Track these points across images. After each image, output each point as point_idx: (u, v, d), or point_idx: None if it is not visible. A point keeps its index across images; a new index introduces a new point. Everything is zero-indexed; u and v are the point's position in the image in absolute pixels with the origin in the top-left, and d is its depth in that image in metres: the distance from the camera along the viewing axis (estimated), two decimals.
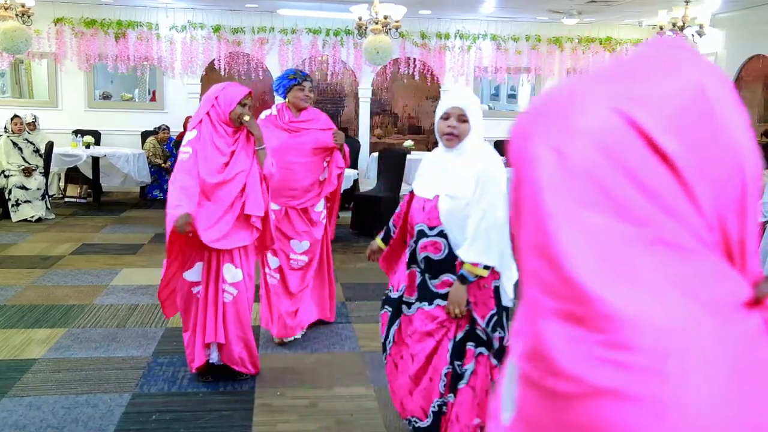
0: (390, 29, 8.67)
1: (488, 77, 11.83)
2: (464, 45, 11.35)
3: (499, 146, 11.51)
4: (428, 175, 2.61)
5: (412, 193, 2.71)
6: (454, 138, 2.50)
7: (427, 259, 2.59)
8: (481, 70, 11.52)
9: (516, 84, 13.38)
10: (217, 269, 3.40)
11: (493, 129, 12.00)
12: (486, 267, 2.48)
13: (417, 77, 11.35)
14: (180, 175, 3.30)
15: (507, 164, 0.90)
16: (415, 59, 11.23)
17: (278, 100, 9.57)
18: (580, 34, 11.49)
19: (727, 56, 10.41)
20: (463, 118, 2.51)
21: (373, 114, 13.67)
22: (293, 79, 3.86)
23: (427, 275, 2.61)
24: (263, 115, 4.06)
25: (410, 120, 15.22)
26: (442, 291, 2.58)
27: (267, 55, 10.99)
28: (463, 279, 2.50)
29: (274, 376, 3.73)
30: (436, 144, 13.01)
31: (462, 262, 2.50)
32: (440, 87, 11.82)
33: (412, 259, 2.65)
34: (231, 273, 3.42)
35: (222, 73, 10.89)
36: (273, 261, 4.08)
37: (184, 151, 3.34)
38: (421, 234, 2.59)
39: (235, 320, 3.46)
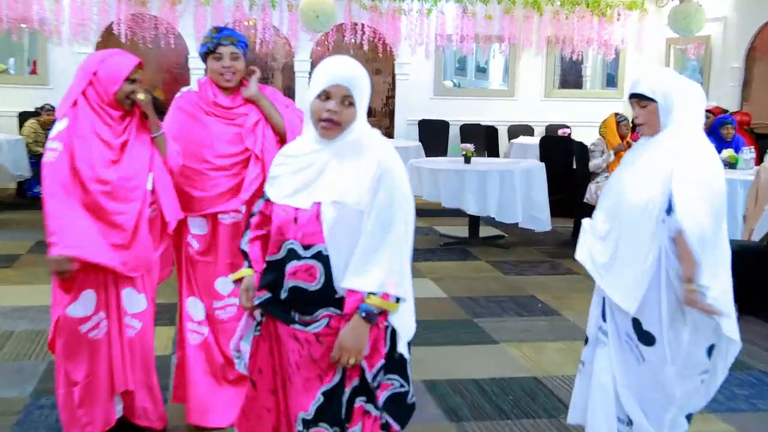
0: None
1: (453, 48, 11.91)
2: (423, 8, 11.39)
3: (476, 133, 11.58)
4: (296, 175, 2.35)
5: (268, 200, 2.45)
6: (335, 126, 2.27)
7: (295, 290, 2.31)
8: (443, 38, 11.58)
9: (486, 56, 13.50)
10: (117, 296, 3.23)
11: (459, 110, 12.07)
12: (398, 299, 2.29)
13: (366, 47, 11.34)
14: (53, 188, 3.02)
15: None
16: (363, 25, 11.22)
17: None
18: None
19: (737, 22, 10.69)
20: (348, 100, 2.28)
21: None
22: (204, 45, 3.42)
23: (293, 312, 2.35)
24: (180, 93, 3.55)
25: None
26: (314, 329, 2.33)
27: (180, 18, 10.83)
28: (369, 316, 2.24)
29: None
30: (389, 129, 13.05)
31: (357, 293, 2.25)
32: (394, 59, 11.83)
33: (273, 292, 2.38)
34: (133, 300, 3.26)
35: (122, 39, 10.66)
36: (196, 308, 3.60)
37: (52, 149, 3.06)
38: (292, 255, 2.31)
39: (140, 361, 3.30)
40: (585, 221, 3.05)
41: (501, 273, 6.80)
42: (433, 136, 11.75)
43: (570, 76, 13.29)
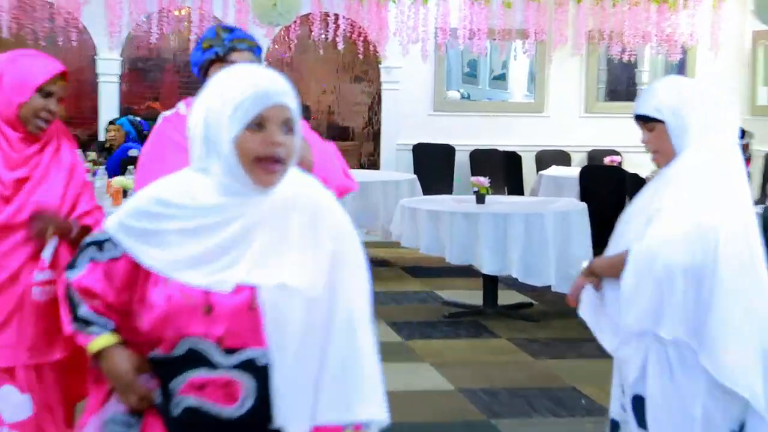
0: None
1: (459, 46, 12.00)
2: None
3: (487, 158, 11.62)
4: (200, 238, 2.19)
5: (151, 274, 2.24)
6: (281, 167, 2.19)
7: (197, 413, 2.20)
8: (446, 34, 11.68)
9: (505, 58, 13.60)
10: None
11: (468, 131, 12.11)
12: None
13: (341, 46, 11.42)
14: None
15: None
16: (338, 16, 11.32)
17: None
18: None
19: None
20: (289, 125, 2.20)
21: None
22: (209, 49, 3.38)
23: None
24: (161, 117, 3.58)
25: (330, 117, 15.24)
26: None
27: (84, 7, 10.88)
28: None
29: None
30: (372, 157, 13.09)
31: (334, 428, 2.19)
32: (380, 62, 11.90)
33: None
34: (10, 405, 3.24)
35: (4, 33, 10.71)
36: None
37: None
38: (198, 360, 2.19)
39: None
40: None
41: (529, 356, 6.79)
42: (434, 166, 11.78)
43: (620, 85, 13.40)
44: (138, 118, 9.90)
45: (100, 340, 2.28)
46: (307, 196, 2.27)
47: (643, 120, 3.20)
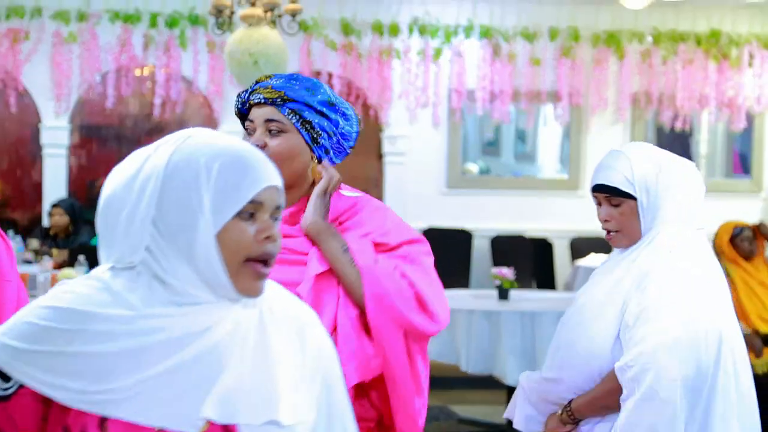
0: (280, 17, 8.85)
1: (477, 111, 12.10)
2: (428, 48, 11.69)
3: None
4: (170, 357, 1.94)
5: (70, 414, 1.96)
6: (268, 270, 2.05)
7: None
8: (462, 96, 11.78)
9: (533, 125, 13.69)
10: None
11: (489, 213, 12.12)
12: None
13: None
14: None
15: None
16: (331, 75, 11.45)
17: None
18: (656, 26, 11.99)
19: None
20: (278, 213, 2.05)
21: None
22: (238, 100, 3.26)
23: None
24: None
25: None
26: None
27: (25, 65, 10.99)
28: None
29: None
30: None
31: None
32: (381, 130, 11.96)
33: None
34: None
35: None
36: None
37: None
38: None
39: None
40: None
41: None
42: (448, 254, 11.80)
43: None
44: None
45: None
46: (284, 305, 2.12)
47: (607, 193, 3.24)
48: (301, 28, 9.30)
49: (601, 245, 12.04)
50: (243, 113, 3.19)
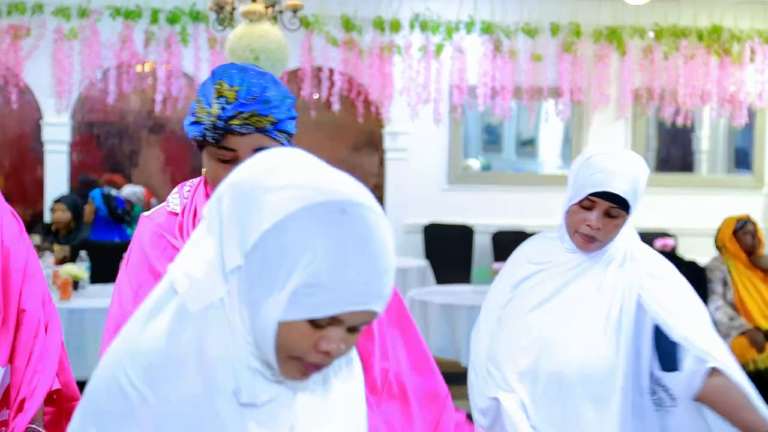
0: (281, 13, 8.84)
1: (478, 107, 12.12)
2: (430, 44, 11.69)
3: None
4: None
5: None
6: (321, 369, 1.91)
7: None
8: (463, 92, 11.78)
9: (534, 120, 13.69)
10: None
11: (491, 208, 12.12)
12: None
13: (337, 107, 11.55)
14: None
15: None
16: (332, 71, 11.45)
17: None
18: (657, 22, 11.99)
19: None
20: (361, 327, 1.91)
21: None
22: (198, 125, 2.82)
23: None
24: (146, 215, 3.03)
25: None
26: None
27: (26, 62, 11.00)
28: None
29: None
30: None
31: None
32: (383, 127, 11.95)
33: None
34: None
35: None
36: None
37: None
38: None
39: None
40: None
41: None
42: (449, 250, 11.81)
43: (673, 154, 13.49)
44: (113, 191, 9.81)
45: None
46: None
47: (616, 203, 3.12)
48: (302, 24, 9.30)
49: None
50: (209, 137, 2.79)
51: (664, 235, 11.48)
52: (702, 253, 8.69)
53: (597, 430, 3.06)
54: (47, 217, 10.61)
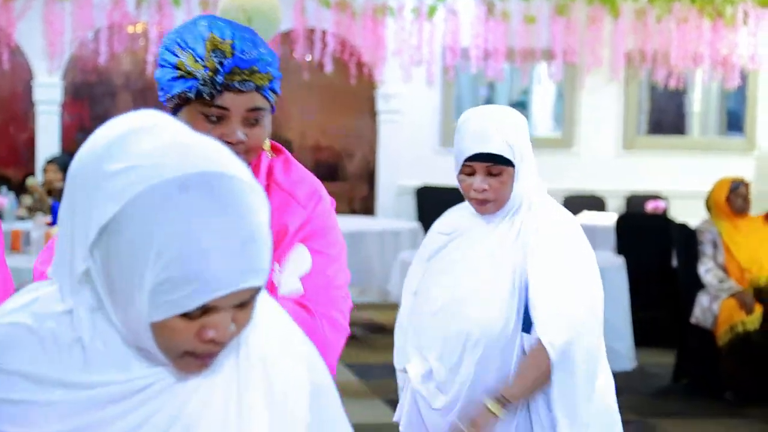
0: None
1: (471, 70, 12.12)
2: (423, 6, 11.66)
3: None
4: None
5: None
6: (215, 357, 1.68)
7: None
8: (456, 54, 11.78)
9: (527, 83, 13.68)
10: None
11: None
12: None
13: (330, 68, 11.52)
14: None
15: None
16: (325, 33, 11.42)
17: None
18: None
19: None
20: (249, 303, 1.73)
21: None
22: (188, 79, 2.57)
23: None
24: None
25: (317, 152, 15.29)
26: None
27: (18, 22, 10.96)
28: None
29: None
30: (367, 202, 13.04)
31: None
32: (376, 88, 11.93)
33: None
34: None
35: None
36: None
37: None
38: None
39: None
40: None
41: None
42: (441, 211, 11.76)
43: (665, 116, 13.50)
44: None
45: None
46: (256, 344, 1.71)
47: (489, 161, 3.17)
48: None
49: (595, 204, 12.09)
50: (200, 93, 2.54)
51: (655, 197, 11.51)
52: (694, 215, 8.70)
53: (501, 386, 3.10)
54: (39, 178, 10.60)
